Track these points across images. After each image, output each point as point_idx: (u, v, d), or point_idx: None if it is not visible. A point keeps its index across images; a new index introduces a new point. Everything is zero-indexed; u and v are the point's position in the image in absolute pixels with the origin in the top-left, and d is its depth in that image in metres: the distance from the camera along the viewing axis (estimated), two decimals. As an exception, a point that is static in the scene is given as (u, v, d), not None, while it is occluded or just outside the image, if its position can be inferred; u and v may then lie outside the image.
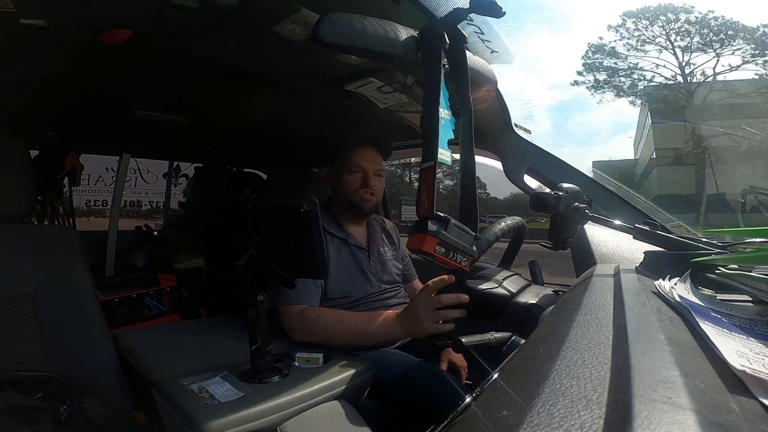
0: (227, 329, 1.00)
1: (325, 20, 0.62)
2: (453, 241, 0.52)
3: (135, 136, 1.85)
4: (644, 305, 0.31)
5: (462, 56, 0.65)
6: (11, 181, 0.94)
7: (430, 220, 0.51)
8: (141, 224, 2.51)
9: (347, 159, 1.06)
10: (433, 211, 0.52)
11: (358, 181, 1.05)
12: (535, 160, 1.05)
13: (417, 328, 0.78)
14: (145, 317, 1.71)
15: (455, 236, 0.53)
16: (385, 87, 1.01)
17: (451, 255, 0.52)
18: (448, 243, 0.52)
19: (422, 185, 0.53)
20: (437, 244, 0.51)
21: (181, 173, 2.98)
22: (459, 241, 0.53)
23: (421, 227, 0.51)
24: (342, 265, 1.03)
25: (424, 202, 0.52)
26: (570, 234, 0.63)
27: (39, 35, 0.86)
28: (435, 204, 0.52)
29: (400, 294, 1.12)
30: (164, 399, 0.68)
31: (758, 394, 0.18)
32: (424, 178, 0.53)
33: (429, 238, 0.51)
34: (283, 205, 0.75)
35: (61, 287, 0.96)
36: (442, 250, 0.51)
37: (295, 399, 0.67)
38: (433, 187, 0.52)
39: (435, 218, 0.51)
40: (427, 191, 0.52)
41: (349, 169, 1.05)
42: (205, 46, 0.96)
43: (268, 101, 1.34)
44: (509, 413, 0.20)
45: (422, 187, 0.52)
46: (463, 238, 0.53)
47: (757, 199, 0.99)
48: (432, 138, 0.54)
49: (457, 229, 0.53)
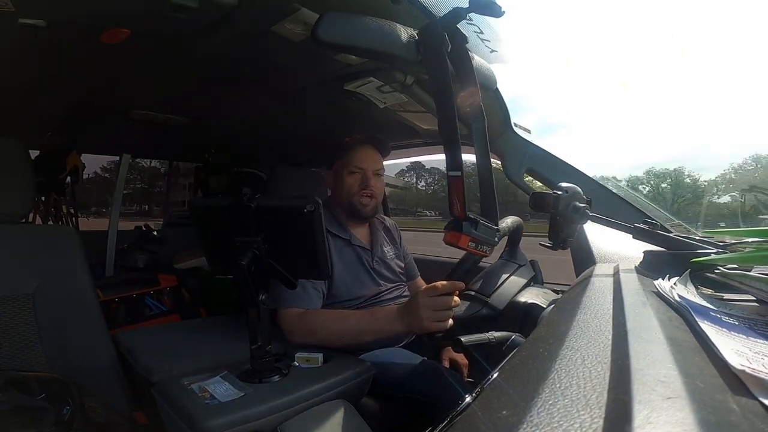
0: (227, 329, 1.00)
1: (325, 20, 0.62)
2: (481, 237, 0.62)
3: (134, 136, 1.85)
4: (644, 305, 0.31)
5: (465, 57, 0.65)
6: (11, 181, 0.94)
7: (464, 221, 0.61)
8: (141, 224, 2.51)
9: (347, 159, 1.05)
10: (465, 213, 0.61)
11: (357, 182, 1.04)
12: (535, 159, 1.05)
13: (417, 327, 0.78)
14: (145, 317, 1.71)
15: (482, 233, 0.62)
16: (385, 87, 1.01)
17: (479, 247, 0.63)
18: (478, 239, 0.62)
19: (452, 191, 0.62)
20: (470, 241, 0.61)
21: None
22: (485, 236, 0.63)
23: (456, 226, 0.61)
24: (346, 266, 1.03)
25: (456, 205, 0.61)
26: (570, 233, 0.63)
27: (38, 35, 0.86)
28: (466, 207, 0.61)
29: (404, 293, 1.12)
30: (164, 399, 0.68)
31: (758, 393, 0.18)
32: (453, 186, 0.62)
33: (464, 237, 0.61)
34: (286, 205, 0.75)
35: (60, 287, 0.95)
36: (473, 244, 0.62)
37: (295, 399, 0.67)
38: (463, 192, 0.61)
39: (467, 219, 0.61)
40: (458, 196, 0.61)
41: (350, 169, 1.05)
42: (205, 46, 0.96)
43: (268, 101, 1.34)
44: (509, 413, 0.20)
45: (452, 192, 0.62)
46: (488, 234, 0.63)
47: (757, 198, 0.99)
48: (454, 148, 0.61)
49: (484, 227, 0.63)
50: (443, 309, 0.76)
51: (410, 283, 1.21)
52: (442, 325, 0.76)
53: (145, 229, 2.47)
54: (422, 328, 0.77)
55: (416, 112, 1.20)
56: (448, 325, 0.77)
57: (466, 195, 0.61)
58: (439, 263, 1.82)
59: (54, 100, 1.34)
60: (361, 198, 1.04)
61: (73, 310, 0.96)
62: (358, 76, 1.00)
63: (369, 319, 0.86)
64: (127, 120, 1.55)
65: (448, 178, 0.62)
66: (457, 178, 0.61)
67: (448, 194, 0.62)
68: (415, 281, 1.24)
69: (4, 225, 0.93)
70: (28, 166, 0.98)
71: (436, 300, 0.76)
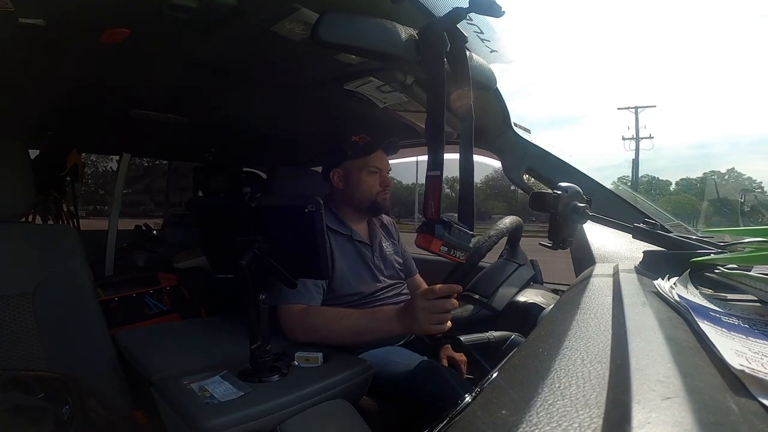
0: (227, 329, 1.00)
1: (325, 19, 0.62)
2: (454, 241, 0.60)
3: (134, 135, 1.85)
4: (643, 305, 0.31)
5: (463, 58, 0.65)
6: (10, 181, 0.94)
7: (436, 224, 0.58)
8: (141, 224, 2.51)
9: (365, 160, 1.09)
10: (439, 216, 0.58)
11: (377, 181, 1.09)
12: (535, 159, 1.05)
13: (416, 329, 0.78)
14: (145, 316, 1.71)
15: (456, 237, 0.60)
16: (385, 86, 1.01)
17: (452, 252, 0.60)
18: (451, 244, 0.59)
19: (429, 191, 0.59)
20: (441, 245, 0.59)
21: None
22: (459, 241, 0.60)
23: (428, 229, 0.59)
24: (348, 261, 1.04)
25: (431, 207, 0.59)
26: (569, 233, 0.63)
27: (38, 35, 0.85)
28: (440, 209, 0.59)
29: (404, 290, 1.13)
30: (164, 398, 0.68)
31: (757, 393, 0.18)
32: (431, 186, 0.59)
33: (435, 240, 0.58)
34: (287, 204, 0.75)
35: (60, 287, 0.96)
36: (445, 249, 0.59)
37: (295, 398, 0.67)
38: (440, 193, 0.59)
39: (440, 222, 0.59)
40: (433, 197, 0.59)
41: (369, 170, 1.09)
42: (205, 45, 0.96)
43: (268, 101, 1.34)
44: (508, 412, 0.20)
45: (429, 192, 0.59)
46: (462, 238, 0.61)
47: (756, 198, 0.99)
48: (438, 147, 0.59)
49: (458, 231, 0.60)
50: (441, 312, 0.76)
51: (409, 281, 1.21)
52: (441, 327, 0.76)
53: (144, 229, 2.47)
54: (421, 330, 0.78)
55: (416, 112, 1.20)
56: (447, 328, 0.77)
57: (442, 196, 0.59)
58: (439, 263, 1.82)
59: (54, 100, 1.34)
60: (382, 196, 1.10)
61: (72, 309, 0.96)
62: (357, 75, 1.00)
63: (369, 319, 0.86)
64: (127, 120, 1.54)
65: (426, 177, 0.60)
66: (436, 178, 0.59)
67: (424, 195, 0.60)
68: (414, 278, 1.25)
69: (3, 224, 0.93)
70: (28, 166, 0.99)
71: (434, 303, 0.76)
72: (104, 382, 0.92)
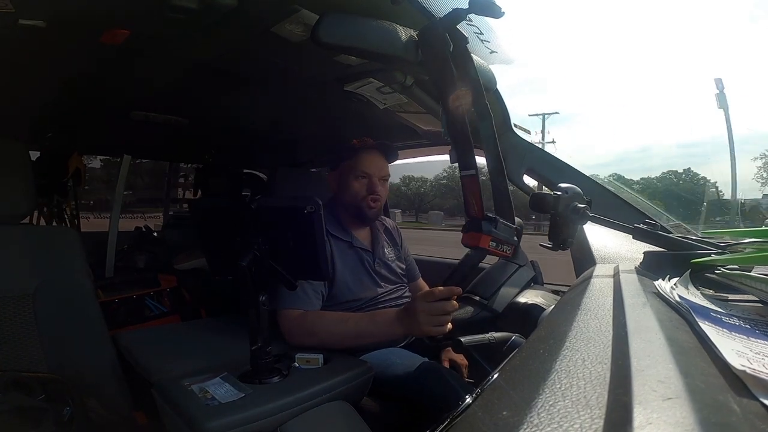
0: (227, 330, 1.00)
1: (325, 21, 0.62)
2: (502, 236, 0.60)
3: (134, 137, 1.85)
4: (644, 305, 0.31)
5: (466, 58, 0.65)
6: (11, 182, 0.94)
7: (482, 221, 0.59)
8: (141, 225, 2.51)
9: (353, 164, 1.05)
10: (483, 212, 0.59)
11: (364, 187, 1.05)
12: (535, 160, 1.05)
13: (416, 331, 0.78)
14: (145, 318, 1.71)
15: (502, 232, 0.61)
16: (385, 87, 1.01)
17: (500, 247, 0.61)
18: (499, 238, 0.60)
19: (467, 191, 0.60)
20: (490, 240, 0.59)
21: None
22: (505, 235, 0.61)
23: (475, 227, 0.59)
24: (349, 267, 1.03)
25: (473, 205, 0.59)
26: (570, 234, 0.63)
27: (38, 36, 0.86)
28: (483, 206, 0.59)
29: (405, 294, 1.12)
30: (164, 400, 0.68)
31: (758, 394, 0.18)
32: (468, 185, 0.60)
33: (484, 237, 0.59)
34: (287, 206, 0.75)
35: (61, 288, 0.95)
36: (493, 244, 0.60)
37: (296, 400, 0.67)
38: (479, 191, 0.59)
39: (486, 219, 0.59)
40: (474, 196, 0.59)
41: (355, 174, 1.04)
42: (205, 46, 0.96)
43: (268, 102, 1.34)
44: (509, 413, 0.20)
45: (467, 192, 0.60)
46: (507, 233, 0.61)
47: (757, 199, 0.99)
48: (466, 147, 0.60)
49: (504, 226, 0.61)
50: (441, 314, 0.76)
51: (412, 285, 1.21)
52: (441, 329, 0.76)
53: (144, 230, 2.48)
54: (421, 332, 0.77)
55: (416, 113, 1.20)
56: (447, 330, 0.77)
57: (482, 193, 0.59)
58: (441, 264, 1.82)
59: (54, 101, 1.34)
60: (367, 202, 1.05)
61: (73, 310, 0.96)
62: (357, 76, 1.00)
63: (368, 322, 0.86)
64: (128, 121, 1.54)
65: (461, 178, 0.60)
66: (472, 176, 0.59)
67: (463, 195, 0.60)
68: (417, 282, 1.24)
69: (4, 225, 0.93)
70: (28, 167, 0.98)
71: (434, 305, 0.76)
72: (104, 383, 0.92)
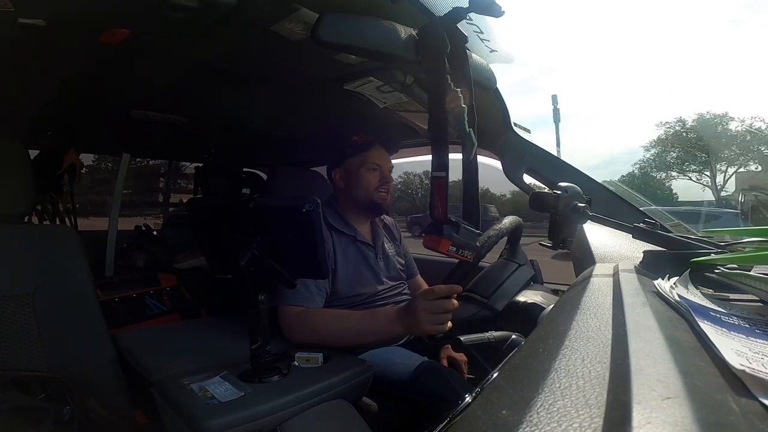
0: (227, 329, 1.00)
1: (325, 19, 0.62)
2: (462, 241, 0.60)
3: (134, 135, 1.85)
4: (643, 305, 0.31)
5: (463, 58, 0.65)
6: (11, 181, 0.94)
7: (444, 224, 0.59)
8: (141, 224, 2.51)
9: (364, 158, 1.08)
10: (446, 216, 0.58)
11: (377, 178, 1.08)
12: (535, 159, 1.05)
13: (416, 329, 0.78)
14: (145, 317, 1.71)
15: (464, 237, 0.60)
16: (385, 86, 1.01)
17: (459, 251, 0.60)
18: (459, 243, 0.60)
19: (434, 191, 0.59)
20: (450, 245, 0.59)
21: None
22: (467, 240, 0.60)
23: (436, 230, 0.59)
24: (351, 262, 1.04)
25: (437, 207, 0.59)
26: (569, 233, 0.63)
27: (38, 35, 0.85)
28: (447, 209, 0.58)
29: (404, 290, 1.13)
30: (164, 399, 0.68)
31: (758, 393, 0.18)
32: (436, 186, 0.59)
33: (444, 241, 0.59)
34: (285, 204, 0.75)
35: (60, 287, 0.95)
36: (453, 248, 0.59)
37: (295, 398, 0.67)
38: (446, 194, 0.58)
39: (448, 222, 0.59)
40: (440, 197, 0.59)
41: (368, 167, 1.08)
42: (204, 45, 0.96)
43: (268, 101, 1.34)
44: (509, 412, 0.20)
45: (434, 193, 0.59)
46: (469, 238, 0.61)
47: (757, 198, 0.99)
48: (441, 148, 0.59)
49: (466, 230, 0.60)
50: (442, 312, 0.76)
51: (410, 282, 1.21)
52: (441, 328, 0.76)
53: (144, 229, 2.48)
54: (421, 330, 0.78)
55: (416, 112, 1.20)
56: (447, 328, 0.77)
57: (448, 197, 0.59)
58: (440, 263, 1.82)
59: (54, 100, 1.34)
60: (380, 194, 1.08)
61: (72, 309, 0.96)
62: (357, 75, 1.00)
63: (369, 319, 0.86)
64: (127, 120, 1.54)
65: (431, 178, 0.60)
66: (442, 178, 0.59)
67: (430, 195, 0.60)
68: (415, 279, 1.25)
69: (3, 225, 0.93)
70: (28, 166, 0.98)
71: (434, 304, 0.76)
72: (104, 383, 0.92)
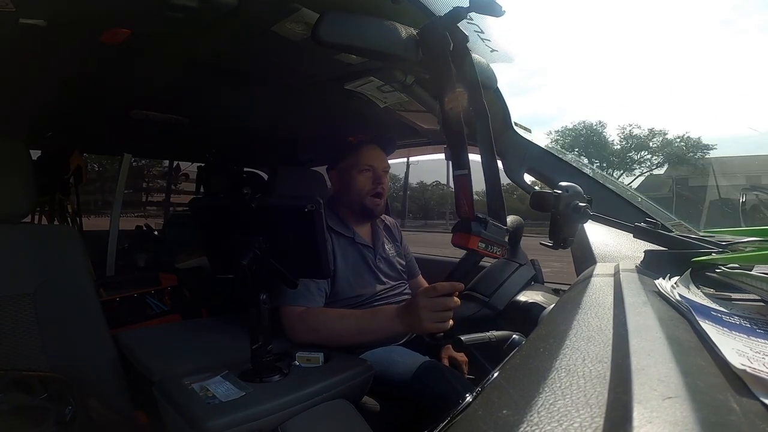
0: (228, 329, 1.00)
1: (325, 19, 0.62)
2: (492, 237, 0.60)
3: (135, 135, 1.86)
4: (644, 304, 0.31)
5: (466, 57, 0.65)
6: (11, 181, 0.94)
7: (472, 221, 0.58)
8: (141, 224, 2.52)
9: (356, 159, 1.06)
10: (474, 213, 0.58)
11: (369, 180, 1.06)
12: (536, 159, 1.05)
13: (417, 327, 0.78)
14: (146, 317, 1.72)
15: (492, 233, 0.60)
16: (385, 86, 1.01)
17: (489, 248, 0.60)
18: (488, 239, 0.60)
19: (459, 190, 0.59)
20: (479, 241, 0.59)
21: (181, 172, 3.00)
22: (495, 237, 0.60)
23: (465, 227, 0.59)
24: (350, 264, 1.03)
25: (464, 205, 0.59)
26: (570, 233, 0.62)
27: (38, 35, 0.86)
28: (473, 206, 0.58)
29: (405, 290, 1.13)
30: (165, 398, 0.68)
31: (759, 393, 0.18)
32: (460, 185, 0.59)
33: (473, 238, 0.58)
34: (287, 204, 0.75)
35: (61, 287, 0.96)
36: (482, 245, 0.59)
37: (296, 398, 0.67)
38: (471, 191, 0.58)
39: (476, 219, 0.58)
40: (465, 195, 0.59)
41: (360, 168, 1.06)
42: (205, 45, 0.96)
43: (268, 101, 1.34)
44: (509, 412, 0.20)
45: (459, 192, 0.59)
46: (498, 234, 0.61)
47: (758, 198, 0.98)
48: (460, 147, 0.59)
49: (494, 227, 0.60)
50: (443, 310, 0.76)
51: (411, 282, 1.21)
52: (442, 326, 0.76)
53: (145, 229, 2.48)
54: (422, 328, 0.77)
55: (417, 112, 1.20)
56: (448, 326, 0.77)
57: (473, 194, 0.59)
58: (441, 263, 1.82)
59: (54, 100, 1.35)
60: (373, 196, 1.06)
61: (74, 309, 0.96)
62: (358, 75, 1.00)
63: (370, 318, 0.86)
64: (128, 120, 1.55)
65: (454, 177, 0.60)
66: (464, 176, 0.59)
67: (455, 194, 0.60)
68: (416, 279, 1.25)
69: (4, 225, 0.94)
70: (29, 166, 0.99)
71: (436, 301, 0.76)
72: (105, 382, 0.92)
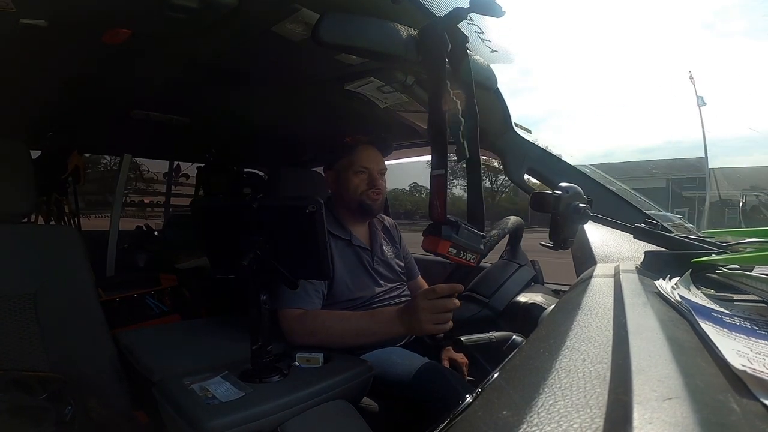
0: (228, 329, 1.00)
1: (325, 20, 0.62)
2: (463, 243, 0.57)
3: (135, 136, 1.86)
4: (644, 305, 0.31)
5: (464, 58, 0.64)
6: (11, 181, 0.94)
7: (443, 225, 0.56)
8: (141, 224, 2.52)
9: (351, 160, 1.05)
10: (446, 216, 0.56)
11: (364, 182, 1.05)
12: (536, 159, 1.05)
13: (417, 329, 0.78)
14: (146, 317, 1.72)
15: (465, 238, 0.57)
16: (385, 87, 1.01)
17: (461, 254, 0.57)
18: (459, 245, 0.57)
19: (434, 191, 0.57)
20: (450, 246, 0.56)
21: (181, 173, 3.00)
22: (468, 242, 0.58)
23: (435, 231, 0.56)
24: (348, 266, 1.03)
25: (436, 207, 0.56)
26: (570, 234, 0.62)
27: (39, 35, 0.86)
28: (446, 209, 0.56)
29: (404, 292, 1.12)
30: (165, 399, 0.68)
31: (759, 394, 0.18)
32: (436, 185, 0.57)
33: (443, 242, 0.56)
34: (288, 205, 0.75)
35: (62, 287, 0.96)
36: (453, 251, 0.56)
37: (296, 399, 0.67)
38: (445, 193, 0.56)
39: (447, 223, 0.56)
40: (438, 197, 0.56)
41: (355, 169, 1.05)
42: (205, 46, 0.96)
43: (268, 101, 1.34)
44: (509, 413, 0.20)
45: (433, 192, 0.57)
46: (471, 239, 0.58)
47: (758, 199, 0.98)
48: (441, 146, 0.57)
49: (467, 232, 0.57)
50: (442, 312, 0.76)
51: (411, 283, 1.21)
52: (442, 327, 0.76)
53: (145, 229, 2.48)
54: (422, 330, 0.77)
55: (417, 112, 1.20)
56: (448, 328, 0.77)
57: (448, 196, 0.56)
58: (441, 263, 1.82)
59: (54, 100, 1.35)
60: (371, 194, 1.05)
61: (74, 310, 0.96)
62: (358, 76, 1.00)
63: (369, 320, 0.86)
64: (128, 120, 1.55)
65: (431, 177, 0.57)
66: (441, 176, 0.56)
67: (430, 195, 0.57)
68: (416, 281, 1.24)
69: (5, 225, 0.94)
70: (29, 166, 0.99)
71: (436, 303, 0.76)
72: (105, 383, 0.92)
